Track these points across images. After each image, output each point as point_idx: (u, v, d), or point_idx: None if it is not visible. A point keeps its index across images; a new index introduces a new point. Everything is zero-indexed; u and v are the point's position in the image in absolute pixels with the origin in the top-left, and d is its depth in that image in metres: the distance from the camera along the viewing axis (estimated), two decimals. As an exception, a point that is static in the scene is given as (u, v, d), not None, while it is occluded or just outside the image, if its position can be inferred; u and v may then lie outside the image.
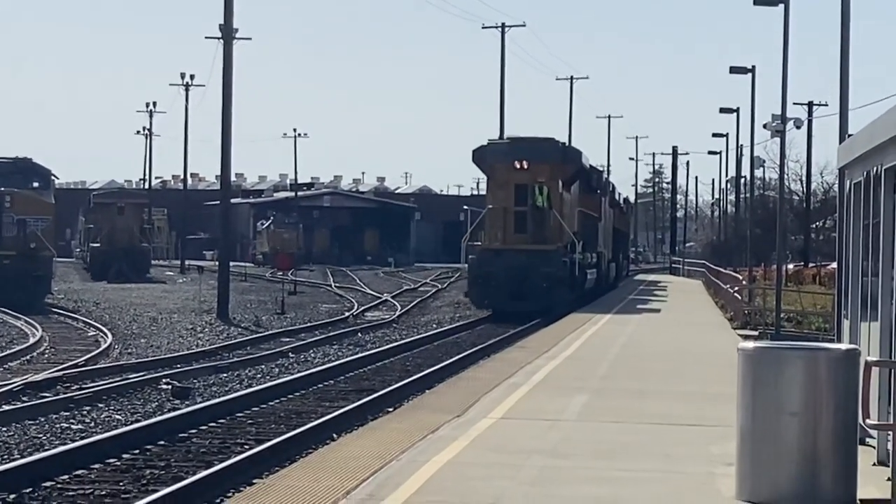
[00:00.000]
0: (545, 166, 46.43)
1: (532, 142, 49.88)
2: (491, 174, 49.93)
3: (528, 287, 44.47)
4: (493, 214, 48.17)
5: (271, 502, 13.22)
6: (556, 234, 45.25)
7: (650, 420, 19.54)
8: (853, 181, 19.50)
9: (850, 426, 13.79)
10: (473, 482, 14.30)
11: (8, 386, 27.64)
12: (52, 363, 33.29)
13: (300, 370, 31.56)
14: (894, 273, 15.34)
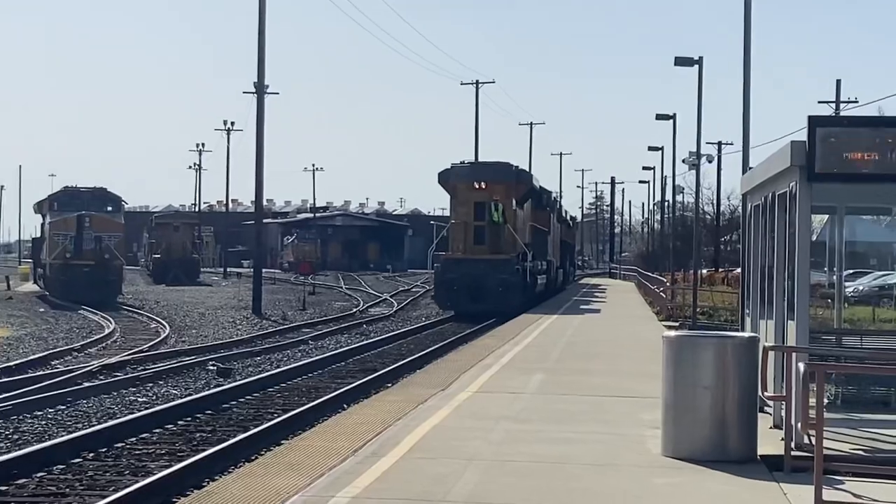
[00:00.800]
0: (500, 186, 45.45)
1: (489, 165, 49.18)
2: (454, 193, 48.11)
3: (486, 291, 43.19)
4: (456, 228, 46.79)
5: (295, 459, 13.28)
6: (510, 245, 44.48)
7: (593, 393, 19.63)
8: (753, 204, 19.54)
9: (752, 397, 13.93)
10: (455, 442, 14.40)
11: (88, 367, 27.63)
12: (122, 349, 33.23)
13: (318, 354, 31.51)
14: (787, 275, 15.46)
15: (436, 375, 21.76)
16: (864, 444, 14.17)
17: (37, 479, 15.13)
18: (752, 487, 12.18)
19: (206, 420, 20.47)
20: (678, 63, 46.91)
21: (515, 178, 47.21)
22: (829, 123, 14.85)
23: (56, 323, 44.34)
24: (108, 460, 16.57)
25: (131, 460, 16.65)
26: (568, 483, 12.20)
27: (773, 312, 16.79)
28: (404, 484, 11.87)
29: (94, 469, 15.95)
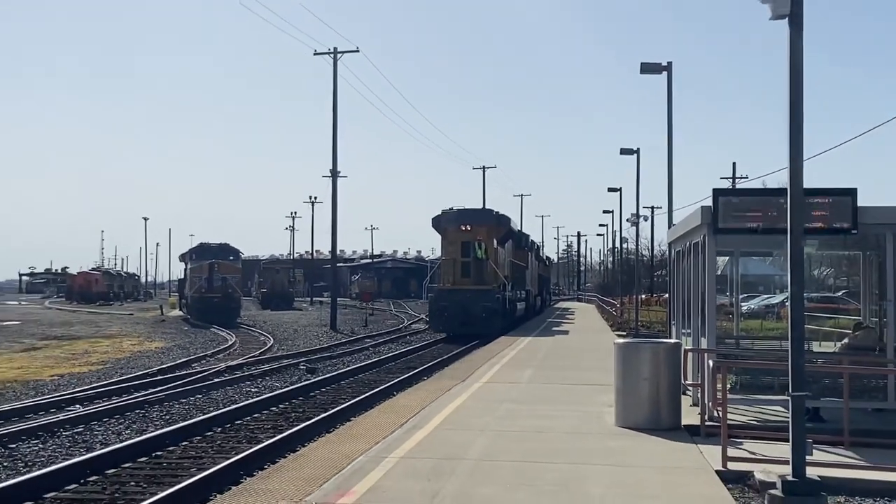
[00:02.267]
0: (483, 228, 39.92)
1: (474, 211, 43.20)
2: (444, 234, 42.15)
3: (472, 316, 37.81)
4: (446, 263, 41.07)
5: (360, 431, 13.26)
6: (492, 277, 39.21)
7: (566, 382, 19.59)
8: (676, 250, 19.62)
9: (677, 385, 13.93)
10: (471, 417, 14.39)
11: (216, 368, 27.70)
12: (240, 355, 33.35)
13: (375, 357, 31.46)
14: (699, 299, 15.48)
15: (458, 371, 21.75)
16: (756, 416, 14.15)
17: (182, 447, 15.22)
18: (677, 447, 12.17)
19: (299, 404, 20.50)
20: (623, 153, 46.37)
21: (496, 221, 41.96)
22: (727, 194, 14.93)
23: (194, 337, 44.51)
24: (231, 433, 16.64)
25: (247, 432, 16.69)
26: (549, 444, 12.21)
27: (690, 325, 16.83)
28: (436, 448, 11.88)
29: (222, 439, 16.03)
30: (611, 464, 11.06)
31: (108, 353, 35.47)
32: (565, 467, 10.77)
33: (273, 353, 33.99)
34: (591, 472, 10.53)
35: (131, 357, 33.90)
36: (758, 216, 13.83)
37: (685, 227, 17.15)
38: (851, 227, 13.59)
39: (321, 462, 10.90)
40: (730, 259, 19.35)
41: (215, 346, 38.40)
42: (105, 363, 31.35)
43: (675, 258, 20.05)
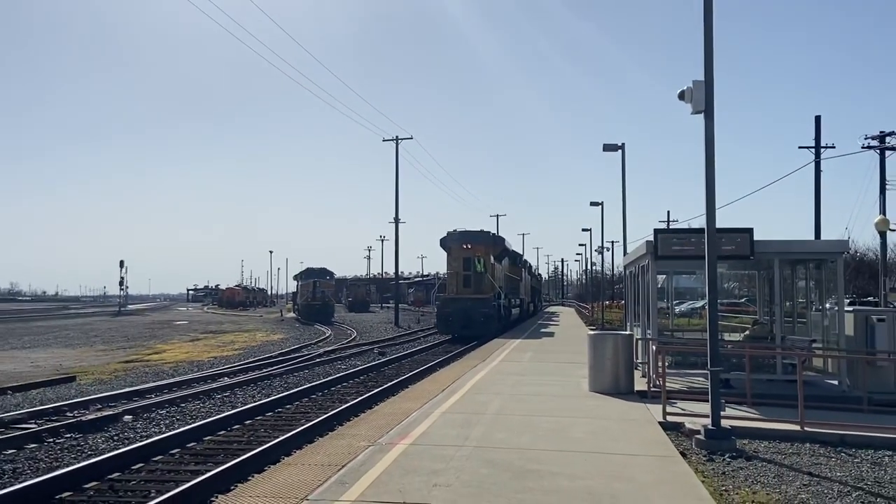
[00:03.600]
0: (481, 246, 35.03)
1: (474, 232, 37.34)
2: (449, 252, 36.71)
3: (472, 320, 33.33)
4: (450, 276, 35.74)
5: (414, 395, 13.24)
6: (489, 287, 34.47)
7: (556, 361, 19.46)
8: (628, 271, 19.49)
9: (630, 362, 13.83)
10: (489, 385, 14.33)
11: (318, 352, 27.76)
12: (334, 343, 33.43)
13: (426, 344, 31.33)
14: (643, 307, 15.38)
15: (479, 354, 21.66)
16: (686, 384, 13.99)
17: (294, 405, 15.25)
18: (631, 406, 12.05)
19: (373, 376, 20.47)
20: (592, 204, 46.13)
21: (492, 241, 36.76)
22: (664, 232, 14.85)
23: (303, 331, 44.66)
24: (327, 396, 16.65)
25: (338, 395, 16.69)
26: (543, 403, 12.13)
27: (640, 321, 16.68)
28: (466, 406, 11.84)
29: (322, 400, 16.04)
30: (586, 416, 10.99)
31: (246, 342, 35.70)
32: (555, 419, 10.72)
33: (356, 342, 34.07)
34: (573, 422, 10.48)
35: (261, 345, 34.09)
36: (684, 247, 13.80)
37: (635, 255, 17.11)
38: (750, 254, 13.59)
39: (388, 416, 10.91)
40: (667, 276, 19.27)
41: (317, 337, 38.52)
42: (244, 349, 31.57)
43: (629, 276, 19.96)
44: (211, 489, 8.52)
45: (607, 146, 28.98)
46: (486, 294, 33.75)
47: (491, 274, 34.55)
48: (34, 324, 54.86)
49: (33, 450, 10.96)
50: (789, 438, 9.95)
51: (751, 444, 9.73)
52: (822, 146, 32.94)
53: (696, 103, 9.94)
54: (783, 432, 10.15)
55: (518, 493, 6.65)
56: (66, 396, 16.23)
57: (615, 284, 75.15)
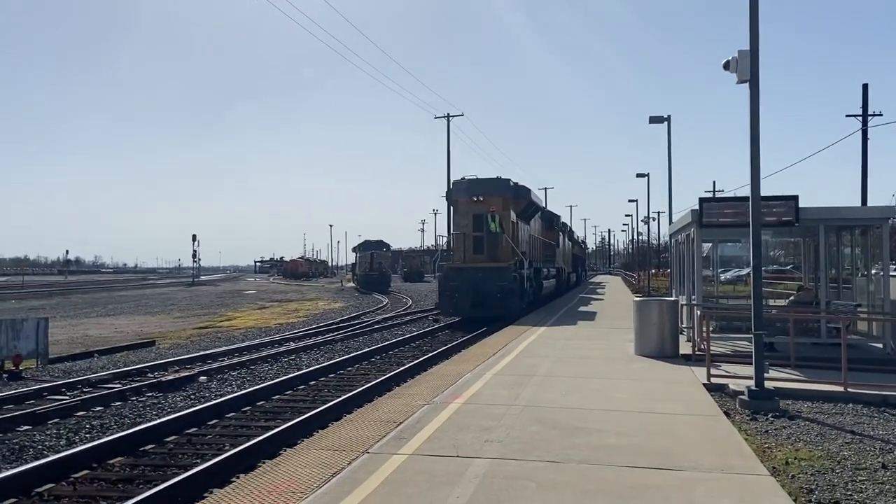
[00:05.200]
0: (497, 199, 26.08)
1: (487, 180, 27.83)
2: (455, 207, 27.98)
3: (485, 296, 24.80)
4: (457, 239, 27.20)
5: (467, 357, 13.28)
6: (507, 253, 25.67)
7: (602, 328, 19.35)
8: (674, 239, 19.22)
9: (676, 327, 13.69)
10: (538, 349, 14.31)
11: (375, 319, 28.04)
12: (391, 311, 33.68)
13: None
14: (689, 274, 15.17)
15: (529, 321, 21.65)
16: (730, 347, 13.80)
17: (355, 367, 15.48)
18: (676, 368, 11.94)
19: (428, 341, 20.61)
20: (638, 176, 45.63)
21: (513, 192, 27.03)
22: (709, 201, 14.55)
23: (362, 300, 45.10)
24: (385, 359, 16.83)
25: (395, 358, 16.87)
26: (590, 366, 12.11)
27: (684, 289, 16.47)
28: (515, 368, 11.89)
29: (380, 363, 16.25)
30: (632, 378, 10.94)
31: (309, 310, 36.32)
32: (601, 381, 10.69)
33: (411, 310, 34.28)
34: (619, 383, 10.44)
35: (323, 312, 34.63)
36: (729, 215, 13.53)
37: (680, 223, 16.84)
38: (795, 220, 13.25)
39: (442, 377, 11.03)
40: (712, 245, 18.96)
41: (375, 305, 38.92)
42: (307, 316, 32.12)
43: (674, 245, 19.71)
44: (279, 443, 8.77)
45: (653, 118, 28.48)
46: (504, 262, 24.47)
47: (511, 235, 25.48)
48: (117, 293, 56.69)
49: (118, 407, 11.40)
50: (832, 399, 9.76)
51: (794, 404, 9.57)
52: (869, 114, 31.75)
53: (741, 73, 9.69)
54: (826, 393, 9.95)
55: (566, 449, 6.69)
56: (147, 359, 16.79)
57: (661, 253, 74.10)
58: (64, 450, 8.56)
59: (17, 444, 8.99)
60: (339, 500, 5.29)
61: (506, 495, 5.36)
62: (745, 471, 6.07)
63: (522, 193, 26.88)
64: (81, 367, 15.74)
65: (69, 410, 10.85)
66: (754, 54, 9.66)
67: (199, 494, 6.76)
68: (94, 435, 9.56)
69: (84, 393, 12.31)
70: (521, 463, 6.23)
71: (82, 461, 7.93)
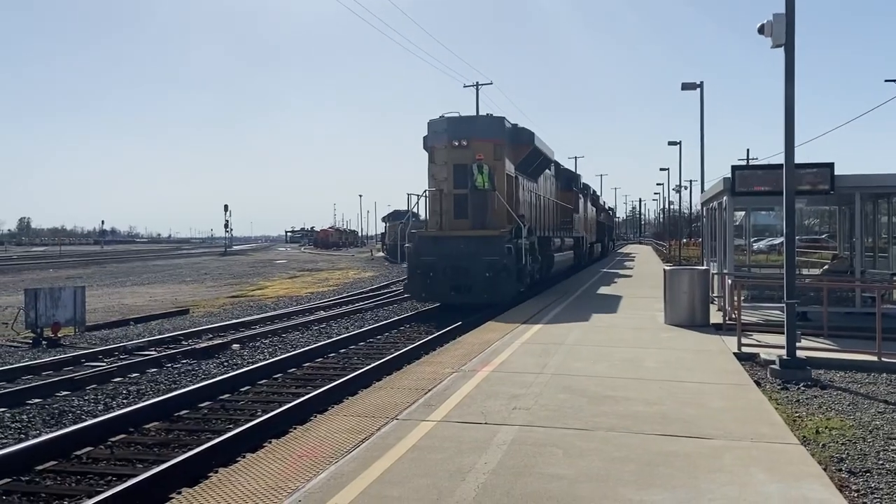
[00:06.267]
0: (487, 144, 17.34)
1: (472, 119, 18.95)
2: (431, 156, 18.30)
3: (469, 275, 17.00)
4: (432, 199, 18.24)
5: (495, 327, 13.35)
6: (501, 218, 17.40)
7: (632, 297, 19.22)
8: (706, 207, 18.97)
9: (706, 296, 13.60)
10: (567, 318, 14.33)
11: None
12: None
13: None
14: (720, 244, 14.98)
15: (525, 310, 21.53)
16: (762, 317, 13.65)
17: (384, 336, 15.53)
18: (707, 337, 11.87)
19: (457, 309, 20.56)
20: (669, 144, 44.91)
21: (510, 135, 19.05)
22: (741, 169, 14.30)
23: (391, 269, 45.10)
24: (414, 328, 16.79)
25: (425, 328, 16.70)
26: (619, 335, 12.08)
27: (716, 257, 16.29)
28: (544, 337, 11.89)
29: (409, 331, 16.23)
30: (661, 347, 10.89)
31: (339, 279, 36.58)
32: (630, 349, 10.66)
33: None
34: (647, 352, 10.40)
35: (353, 281, 34.83)
36: (762, 182, 13.30)
37: (712, 191, 16.62)
38: (830, 188, 12.98)
39: (471, 346, 11.07)
40: (745, 213, 18.70)
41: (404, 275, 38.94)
42: (338, 285, 32.34)
43: (706, 213, 19.48)
44: (311, 409, 8.90)
45: (686, 84, 27.99)
46: (495, 229, 17.75)
47: (506, 193, 18.28)
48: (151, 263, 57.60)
49: (154, 373, 11.64)
50: (866, 369, 9.63)
51: (826, 373, 9.46)
52: (909, 79, 30.79)
53: (776, 37, 9.44)
54: (860, 363, 9.82)
55: (594, 417, 6.70)
56: (181, 327, 17.07)
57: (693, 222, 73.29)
58: (101, 414, 8.78)
59: (57, 409, 9.23)
60: (368, 464, 5.37)
61: (533, 462, 5.39)
62: (775, 439, 6.03)
63: (523, 138, 19.70)
64: (118, 334, 16.07)
65: (106, 377, 11.10)
66: (790, 17, 9.41)
67: (233, 458, 6.90)
68: (130, 400, 9.77)
69: (120, 360, 12.58)
70: (549, 430, 6.26)
71: (119, 425, 8.12)
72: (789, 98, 9.46)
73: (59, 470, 6.89)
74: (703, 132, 28.80)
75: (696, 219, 68.56)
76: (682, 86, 28.00)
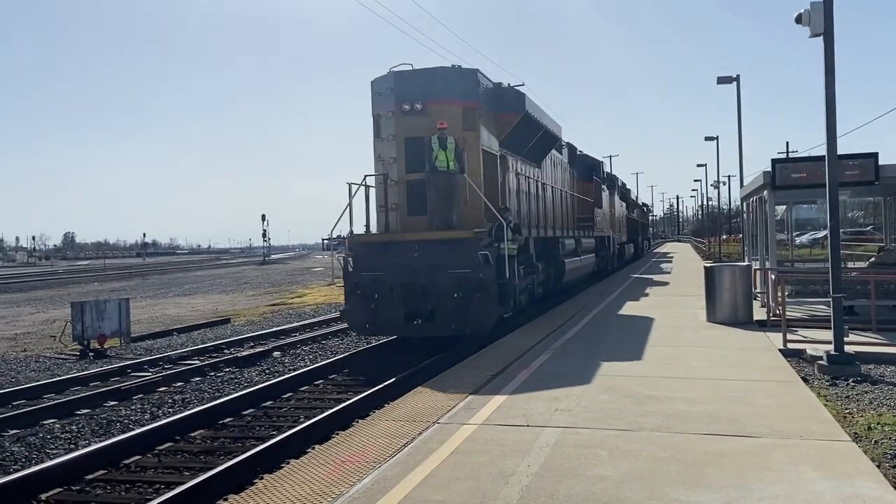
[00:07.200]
0: (452, 107, 10.96)
1: (430, 72, 11.46)
2: (376, 128, 12.07)
3: (432, 299, 11.18)
4: (377, 188, 12.01)
5: (535, 330, 13.30)
6: (474, 213, 11.30)
7: (673, 295, 19.01)
8: (746, 202, 18.68)
9: (749, 292, 13.38)
10: (606, 318, 14.19)
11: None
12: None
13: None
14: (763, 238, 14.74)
15: (602, 287, 21.38)
16: (807, 312, 13.36)
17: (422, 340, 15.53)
18: (750, 335, 11.67)
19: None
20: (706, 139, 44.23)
21: (488, 98, 12.60)
22: (781, 161, 14.06)
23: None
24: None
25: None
26: (661, 334, 11.92)
27: (758, 253, 16.03)
28: (583, 338, 11.79)
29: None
30: (704, 345, 10.72)
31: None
32: (672, 348, 10.52)
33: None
34: (690, 350, 10.25)
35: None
36: (803, 175, 13.06)
37: (752, 186, 16.36)
38: (874, 179, 12.70)
39: (509, 349, 10.99)
40: (787, 207, 18.38)
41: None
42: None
43: (746, 208, 19.18)
44: (352, 415, 8.94)
45: (721, 78, 27.57)
46: (467, 230, 12.21)
47: (484, 177, 12.88)
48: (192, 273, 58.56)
49: (198, 382, 11.81)
50: (918, 363, 9.37)
51: (876, 368, 9.23)
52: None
53: (814, 26, 9.25)
54: (911, 358, 9.56)
55: (637, 417, 6.62)
56: (223, 336, 17.29)
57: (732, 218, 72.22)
58: (148, 423, 8.93)
59: (105, 419, 9.42)
60: (411, 469, 5.37)
61: (577, 463, 5.34)
62: (825, 437, 5.89)
63: (509, 101, 13.84)
64: (162, 344, 16.34)
65: (152, 386, 11.30)
66: (828, 5, 9.21)
67: (277, 465, 6.96)
68: (175, 409, 9.93)
69: (165, 369, 12.80)
70: (592, 431, 6.19)
71: (165, 434, 8.25)
72: (830, 88, 9.27)
73: (108, 479, 7.02)
74: (741, 126, 28.42)
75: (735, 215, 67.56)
76: (718, 80, 27.61)
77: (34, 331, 20.17)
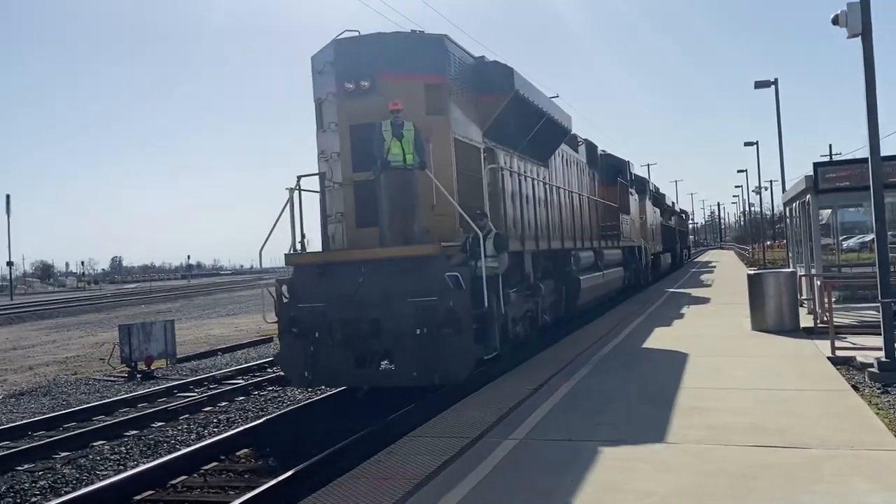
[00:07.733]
0: (411, 83, 7.61)
1: (381, 39, 8.05)
2: (318, 116, 8.57)
3: (387, 338, 7.91)
4: (322, 197, 8.56)
5: (574, 343, 13.20)
6: (445, 221, 7.93)
7: (717, 304, 18.71)
8: (789, 207, 18.34)
9: (794, 299, 13.12)
10: (650, 327, 14.02)
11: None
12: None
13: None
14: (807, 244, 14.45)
15: (642, 297, 21.10)
16: (855, 318, 13.03)
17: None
18: (797, 342, 11.42)
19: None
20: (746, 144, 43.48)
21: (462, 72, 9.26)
22: (823, 165, 13.80)
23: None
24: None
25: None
26: (704, 343, 11.74)
27: (802, 259, 15.71)
28: (627, 345, 11.66)
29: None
30: (749, 355, 10.52)
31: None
32: (717, 358, 10.35)
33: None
34: (735, 360, 10.07)
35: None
36: (846, 178, 12.81)
37: (794, 191, 16.12)
38: (921, 180, 12.38)
39: (549, 362, 10.87)
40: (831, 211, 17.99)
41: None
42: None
43: (789, 213, 18.86)
44: (397, 431, 8.92)
45: (759, 83, 27.14)
46: (431, 244, 8.95)
47: (457, 173, 9.66)
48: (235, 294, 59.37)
49: (242, 401, 11.95)
50: (974, 369, 9.04)
51: (930, 375, 8.94)
52: None
53: (851, 27, 9.09)
54: (967, 363, 9.23)
55: (682, 430, 6.50)
56: (266, 355, 17.46)
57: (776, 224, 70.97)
58: (194, 443, 9.06)
59: (153, 440, 9.58)
60: (454, 485, 5.35)
61: (621, 478, 5.27)
62: (878, 447, 5.72)
63: (493, 79, 10.78)
64: (207, 365, 16.59)
65: (197, 406, 11.47)
66: (865, 4, 9.05)
67: (321, 482, 6.99)
68: (220, 429, 10.06)
69: (210, 389, 12.98)
70: (635, 445, 6.11)
71: (211, 454, 8.36)
72: (870, 88, 9.09)
73: (155, 499, 7.14)
74: (781, 130, 27.91)
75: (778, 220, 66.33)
76: (756, 84, 27.19)
77: (84, 354, 20.63)
